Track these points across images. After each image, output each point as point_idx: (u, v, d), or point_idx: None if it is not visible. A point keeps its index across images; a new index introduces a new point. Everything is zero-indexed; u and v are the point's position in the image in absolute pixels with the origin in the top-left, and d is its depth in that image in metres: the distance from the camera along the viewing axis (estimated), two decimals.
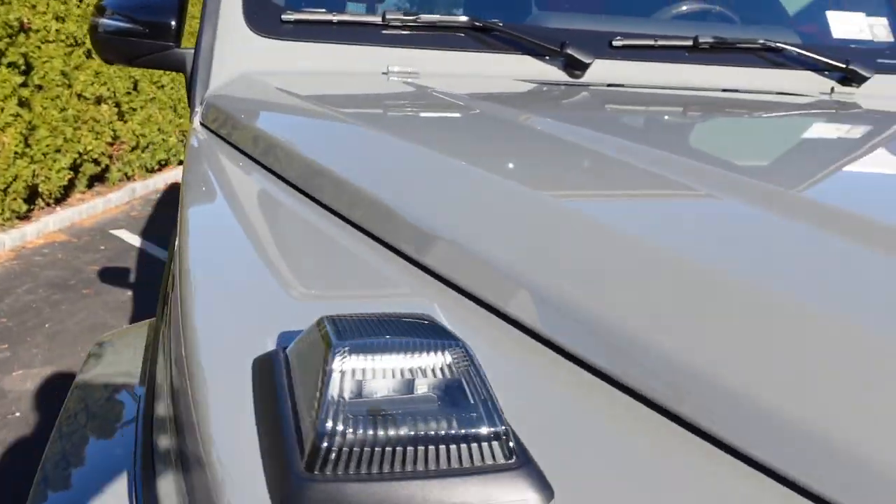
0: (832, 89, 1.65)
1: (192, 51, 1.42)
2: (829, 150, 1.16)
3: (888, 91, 1.69)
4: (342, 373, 0.41)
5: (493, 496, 0.39)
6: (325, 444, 0.39)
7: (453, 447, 0.40)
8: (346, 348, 0.42)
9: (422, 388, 0.42)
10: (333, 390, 0.40)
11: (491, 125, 1.09)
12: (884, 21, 1.83)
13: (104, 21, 1.48)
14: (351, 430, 0.39)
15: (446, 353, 0.43)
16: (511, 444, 0.41)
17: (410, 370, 0.42)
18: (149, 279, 4.35)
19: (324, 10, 1.40)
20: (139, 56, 1.46)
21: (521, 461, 0.41)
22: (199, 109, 1.32)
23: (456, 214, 0.72)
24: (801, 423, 0.43)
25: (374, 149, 0.94)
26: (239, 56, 1.36)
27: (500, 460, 0.41)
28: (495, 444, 0.40)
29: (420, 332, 0.44)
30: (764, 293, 0.52)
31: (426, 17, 1.43)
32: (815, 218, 0.66)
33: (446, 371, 0.42)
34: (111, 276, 4.46)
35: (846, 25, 1.78)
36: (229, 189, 0.97)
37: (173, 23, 1.41)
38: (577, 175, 0.85)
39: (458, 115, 1.17)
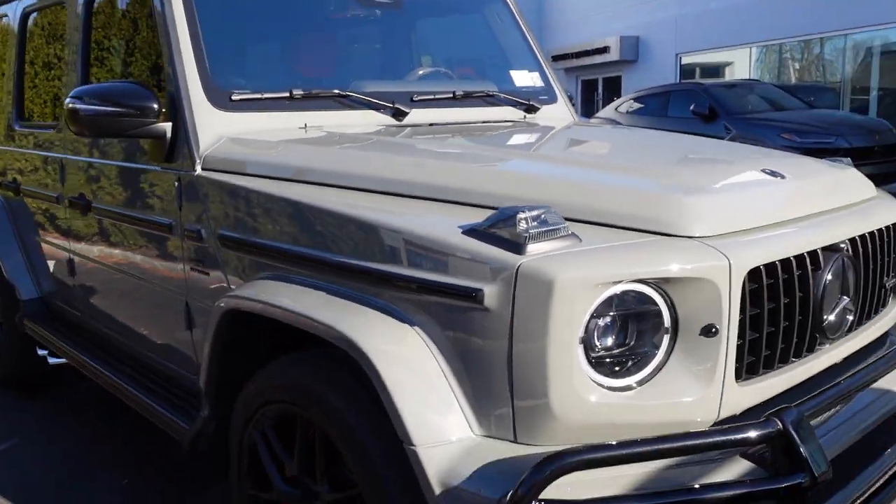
0: (524, 116, 2.89)
1: (170, 124, 2.17)
2: (530, 140, 2.38)
3: (548, 114, 2.99)
4: None
5: None
6: None
7: None
8: None
9: None
10: None
11: (365, 145, 2.10)
12: (537, 74, 3.13)
13: (84, 106, 2.14)
14: None
15: None
16: None
17: None
18: None
19: (258, 92, 2.25)
20: (126, 131, 2.16)
21: None
22: (199, 161, 2.10)
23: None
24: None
25: (317, 157, 1.92)
26: (211, 124, 2.16)
27: None
28: None
29: None
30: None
31: (313, 92, 2.36)
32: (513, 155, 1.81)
33: None
34: None
35: (521, 78, 3.05)
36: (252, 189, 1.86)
37: (156, 106, 2.15)
38: (390, 151, 1.90)
39: (347, 142, 2.16)
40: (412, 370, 1.47)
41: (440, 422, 1.44)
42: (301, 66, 2.64)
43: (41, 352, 3.35)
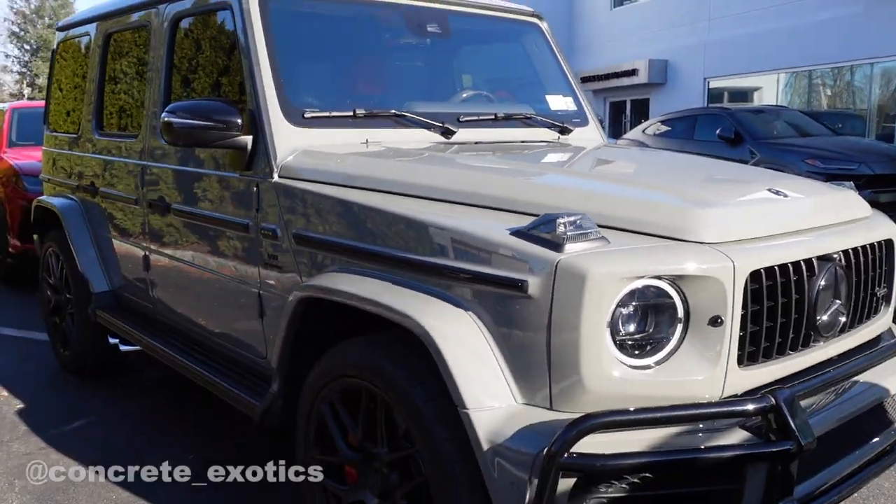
0: (558, 137, 3.18)
1: (251, 137, 2.49)
2: (564, 158, 2.67)
3: (580, 136, 3.28)
4: None
5: None
6: None
7: None
8: None
9: None
10: None
11: (420, 159, 2.41)
12: (570, 99, 3.43)
13: (178, 120, 2.47)
14: None
15: None
16: None
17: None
18: None
19: (326, 111, 2.58)
20: (213, 142, 2.48)
21: None
22: (276, 170, 2.42)
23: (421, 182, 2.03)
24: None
25: (380, 168, 2.23)
26: (287, 139, 2.48)
27: None
28: None
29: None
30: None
31: (373, 111, 2.68)
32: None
33: None
34: None
35: (556, 102, 3.35)
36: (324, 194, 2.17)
37: (240, 121, 2.47)
38: (444, 164, 2.21)
39: (404, 157, 2.46)
40: (466, 347, 1.76)
41: (488, 390, 1.73)
42: (362, 89, 2.96)
43: (112, 340, 3.69)
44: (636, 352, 1.72)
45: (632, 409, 1.61)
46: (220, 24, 2.84)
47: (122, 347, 3.65)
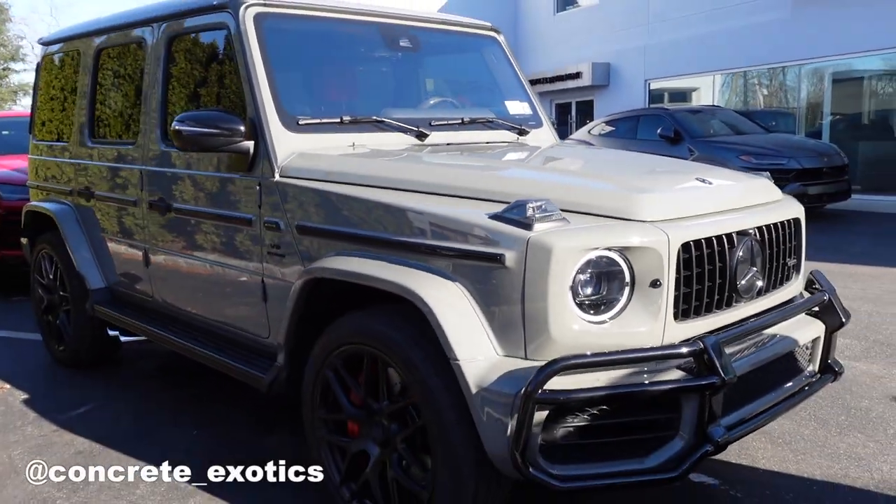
0: (517, 138, 3.59)
1: (252, 142, 2.84)
2: (526, 155, 3.09)
3: (536, 136, 3.69)
4: None
5: None
6: None
7: None
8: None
9: None
10: None
11: (402, 158, 2.79)
12: (526, 104, 3.85)
13: (187, 128, 2.80)
14: None
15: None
16: None
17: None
18: None
19: (317, 118, 2.94)
20: (218, 147, 2.82)
21: None
22: (277, 171, 2.77)
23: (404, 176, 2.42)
24: None
25: (369, 166, 2.60)
26: (285, 143, 2.83)
27: None
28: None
29: None
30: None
31: (357, 118, 3.05)
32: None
33: None
34: None
35: (514, 107, 3.76)
36: (322, 190, 2.53)
37: (242, 128, 2.82)
38: (423, 162, 2.60)
39: (387, 157, 2.84)
40: (454, 311, 2.14)
41: (474, 345, 2.11)
42: (346, 97, 3.33)
43: (112, 332, 3.98)
44: (592, 310, 2.12)
45: (589, 353, 2.02)
46: (216, 42, 3.17)
47: (123, 338, 3.95)
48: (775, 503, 2.75)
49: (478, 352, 2.11)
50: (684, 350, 2.08)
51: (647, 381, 2.06)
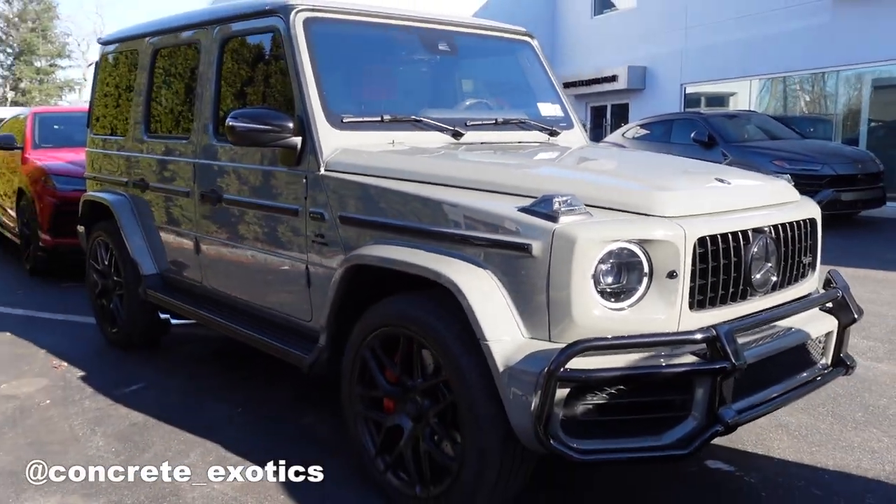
0: (548, 138, 3.77)
1: (300, 138, 3.05)
2: (556, 154, 3.26)
3: (567, 137, 3.86)
4: None
5: None
6: None
7: None
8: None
9: None
10: None
11: (439, 155, 2.98)
12: (558, 106, 4.02)
13: (240, 124, 3.01)
14: None
15: None
16: None
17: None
18: None
19: (360, 116, 3.14)
20: (269, 142, 3.04)
21: None
22: (323, 165, 2.98)
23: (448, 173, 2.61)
24: None
25: (409, 162, 2.79)
26: (331, 140, 3.04)
27: None
28: None
29: None
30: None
31: (397, 117, 3.25)
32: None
33: None
34: None
35: (546, 109, 3.94)
36: (365, 183, 2.72)
37: (291, 125, 3.03)
38: (459, 159, 2.78)
39: (425, 154, 3.03)
40: (485, 295, 2.32)
41: (502, 327, 2.29)
42: (386, 97, 3.53)
43: (163, 315, 4.23)
44: (613, 298, 2.29)
45: (609, 336, 2.19)
46: (266, 44, 3.39)
47: (173, 321, 4.19)
48: (787, 489, 2.89)
49: (505, 333, 2.29)
50: (698, 336, 2.24)
51: (662, 364, 2.23)
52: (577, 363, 2.15)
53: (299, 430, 3.41)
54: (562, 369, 2.12)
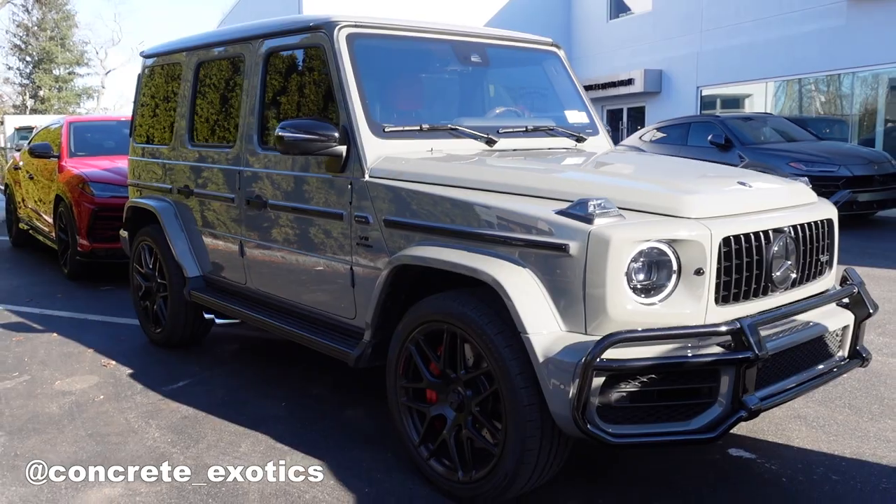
0: (576, 144, 3.95)
1: (345, 147, 3.25)
2: (585, 160, 3.45)
3: (593, 143, 4.05)
4: None
5: None
6: None
7: None
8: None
9: None
10: None
11: (475, 162, 3.17)
12: (584, 114, 4.20)
13: (289, 134, 3.22)
14: None
15: None
16: None
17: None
18: None
19: (400, 126, 3.34)
20: (315, 151, 3.24)
21: None
22: (367, 172, 3.18)
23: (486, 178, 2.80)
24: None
25: (448, 168, 2.98)
26: (374, 148, 3.24)
27: None
28: None
29: None
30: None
31: (435, 126, 3.44)
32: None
33: None
34: None
35: (572, 116, 4.12)
36: (407, 189, 2.92)
37: (337, 134, 3.23)
38: (494, 165, 2.97)
39: (462, 161, 3.22)
40: (525, 292, 2.51)
41: (542, 321, 2.48)
42: (424, 108, 3.73)
43: (207, 315, 4.45)
44: (644, 294, 2.47)
45: (641, 329, 2.37)
46: (311, 58, 3.60)
47: (218, 321, 4.41)
48: (807, 475, 3.05)
49: (544, 327, 2.48)
50: (724, 329, 2.42)
51: (690, 354, 2.41)
52: (611, 354, 2.33)
53: (340, 423, 3.61)
54: (598, 359, 2.30)
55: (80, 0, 55.04)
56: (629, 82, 19.38)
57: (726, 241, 2.54)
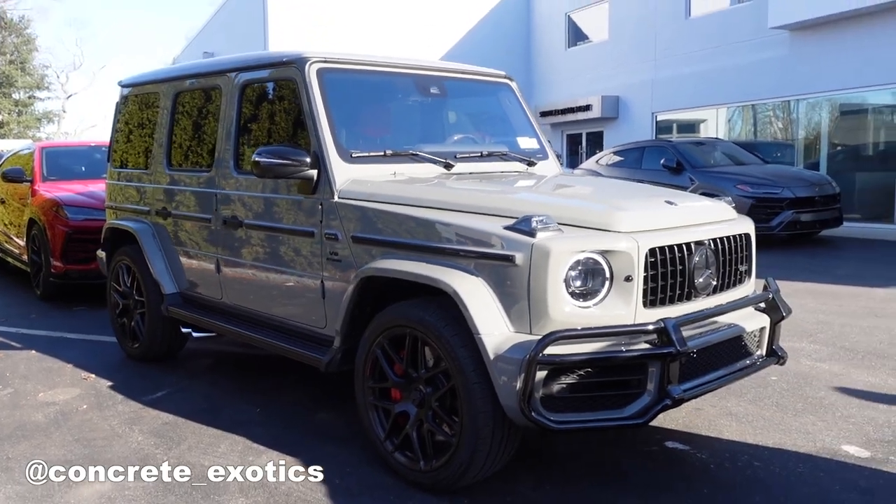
0: (527, 168, 4.32)
1: (316, 171, 3.57)
2: (533, 182, 3.82)
3: (543, 167, 4.42)
4: None
5: None
6: None
7: None
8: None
9: None
10: None
11: (434, 184, 3.53)
12: (535, 140, 4.58)
13: (264, 159, 3.53)
14: None
15: None
16: None
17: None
18: None
19: (365, 151, 3.68)
20: (289, 174, 3.56)
21: None
22: (336, 193, 3.50)
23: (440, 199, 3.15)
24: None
25: (409, 190, 3.33)
26: (342, 172, 3.57)
27: None
28: None
29: None
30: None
31: (397, 152, 3.79)
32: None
33: None
34: None
35: (524, 142, 4.50)
36: (373, 208, 3.25)
37: (309, 160, 3.55)
38: (451, 187, 3.33)
39: (423, 183, 3.57)
40: (477, 298, 2.85)
41: (493, 323, 2.82)
42: (387, 135, 4.08)
43: (185, 329, 4.72)
44: (581, 298, 2.83)
45: (578, 328, 2.73)
46: (283, 89, 3.93)
47: (195, 335, 4.68)
48: (733, 463, 3.42)
49: (495, 328, 2.82)
50: (650, 327, 2.78)
51: (621, 350, 2.77)
52: (552, 350, 2.68)
53: (314, 425, 3.90)
54: (540, 355, 2.65)
55: (41, 24, 54.74)
56: (587, 108, 20.00)
57: (652, 251, 2.91)
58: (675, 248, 3.00)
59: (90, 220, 7.02)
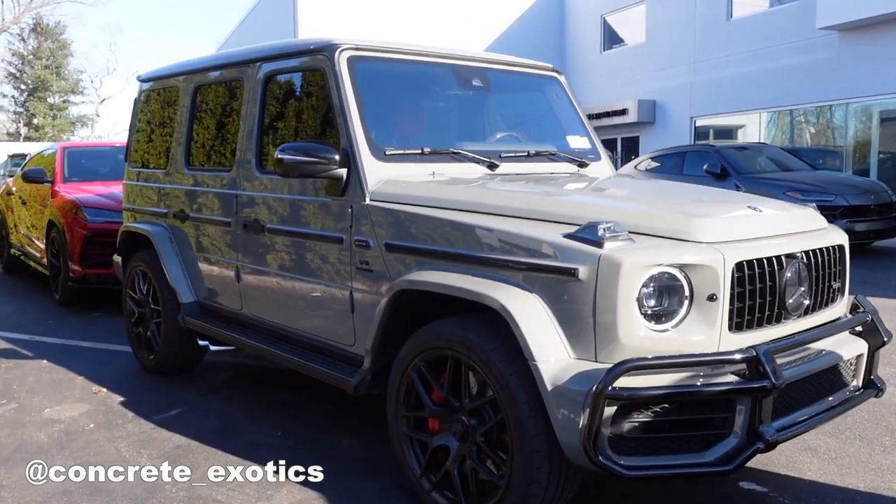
0: (578, 170, 3.89)
1: (345, 170, 3.18)
2: (590, 184, 3.39)
3: (596, 168, 3.99)
4: None
5: None
6: None
7: None
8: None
9: None
10: None
11: (479, 185, 3.11)
12: (586, 139, 4.16)
13: (289, 157, 3.15)
14: None
15: None
16: None
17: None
18: None
19: (401, 149, 3.28)
20: (316, 174, 3.17)
21: None
22: (368, 195, 3.11)
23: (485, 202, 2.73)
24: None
25: (450, 192, 2.91)
26: (375, 171, 3.17)
27: None
28: None
29: None
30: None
31: (436, 150, 3.38)
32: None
33: None
34: None
35: (574, 142, 4.08)
36: (409, 212, 2.84)
37: (337, 157, 3.16)
38: (499, 189, 2.90)
39: (465, 184, 3.16)
40: (532, 318, 2.43)
41: (550, 348, 2.40)
42: (425, 131, 3.67)
43: (202, 342, 4.35)
44: (656, 320, 2.40)
45: (653, 357, 2.29)
46: (310, 82, 3.55)
47: (213, 348, 4.31)
48: None
49: (552, 354, 2.40)
50: (738, 357, 2.34)
51: (704, 383, 2.33)
52: (623, 382, 2.25)
53: (338, 452, 3.50)
54: (609, 388, 2.22)
55: (76, 30, 55.34)
56: (623, 112, 19.47)
57: (739, 266, 2.47)
58: (765, 262, 2.55)
59: (110, 222, 6.69)
